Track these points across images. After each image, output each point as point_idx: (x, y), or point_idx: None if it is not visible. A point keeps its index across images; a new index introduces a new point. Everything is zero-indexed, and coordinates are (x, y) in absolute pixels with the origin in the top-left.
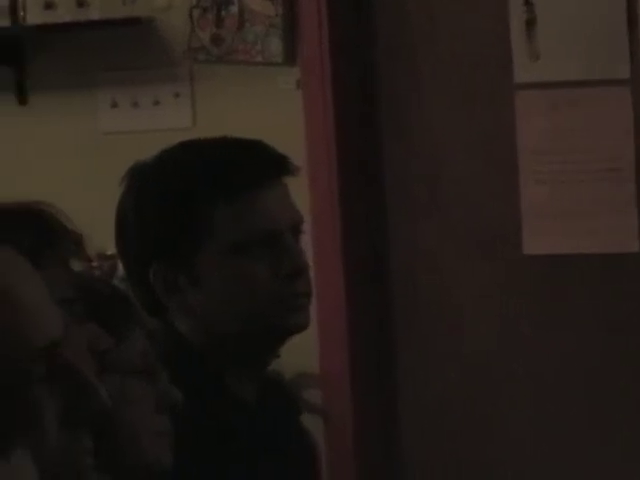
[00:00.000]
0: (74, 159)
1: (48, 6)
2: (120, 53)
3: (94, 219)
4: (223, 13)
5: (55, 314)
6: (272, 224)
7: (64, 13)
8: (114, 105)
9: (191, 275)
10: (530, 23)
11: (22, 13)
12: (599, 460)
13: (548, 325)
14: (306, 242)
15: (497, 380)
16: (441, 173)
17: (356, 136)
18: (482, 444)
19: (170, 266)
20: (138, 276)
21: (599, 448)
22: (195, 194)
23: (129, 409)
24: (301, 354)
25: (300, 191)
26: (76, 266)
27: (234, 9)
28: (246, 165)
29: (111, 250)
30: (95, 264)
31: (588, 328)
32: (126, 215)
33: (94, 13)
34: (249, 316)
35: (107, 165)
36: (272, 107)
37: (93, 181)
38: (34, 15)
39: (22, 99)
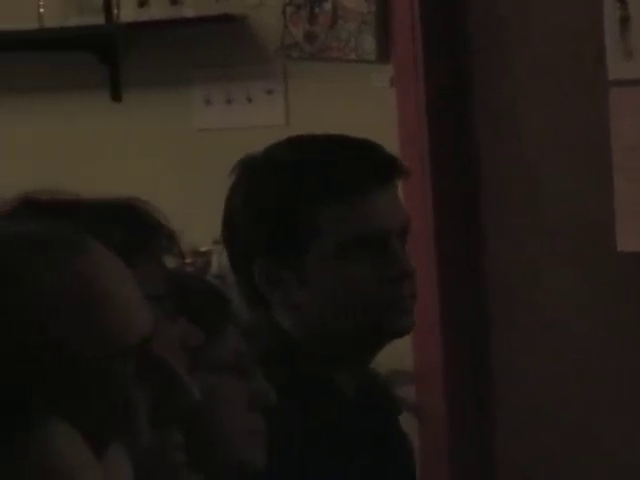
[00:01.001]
0: (167, 156)
1: (142, 4)
2: (213, 50)
3: (187, 215)
4: (316, 10)
5: (147, 311)
6: (380, 227)
7: (157, 11)
8: (207, 102)
9: (296, 273)
10: (624, 20)
11: (116, 11)
12: None
13: None
14: None
15: (592, 379)
16: (535, 171)
17: (450, 134)
18: (576, 444)
19: (274, 262)
20: (242, 268)
21: None
22: (304, 193)
23: (220, 406)
24: (395, 351)
25: None
26: (169, 263)
27: (327, 6)
28: (357, 166)
29: (205, 247)
30: (188, 260)
31: None
32: (234, 208)
33: (187, 10)
34: (354, 318)
35: (200, 162)
36: (365, 105)
37: (186, 178)
38: (128, 13)
39: (116, 96)
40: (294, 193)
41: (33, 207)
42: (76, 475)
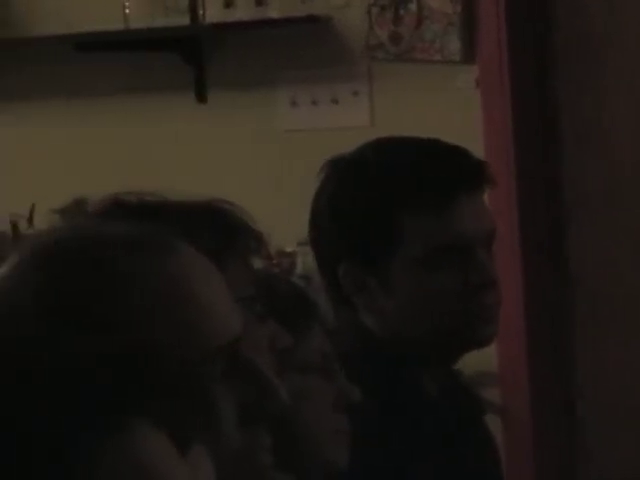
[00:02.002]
0: (253, 157)
1: (227, 5)
2: (298, 51)
3: (274, 216)
4: (401, 11)
5: (235, 312)
6: (466, 235)
7: (243, 12)
8: (293, 104)
9: (380, 279)
10: None
11: (202, 12)
12: None
13: None
14: None
15: None
16: (621, 174)
17: (535, 136)
18: None
19: (359, 267)
20: (328, 270)
21: None
22: (391, 199)
23: (307, 407)
24: (480, 353)
25: None
26: (256, 264)
27: (413, 7)
28: (445, 172)
29: (290, 247)
30: (275, 261)
31: None
32: (320, 210)
33: (273, 12)
34: (437, 325)
35: (286, 163)
36: (450, 106)
37: (272, 179)
38: (213, 14)
39: (201, 97)
40: (380, 197)
41: (122, 209)
42: (165, 475)
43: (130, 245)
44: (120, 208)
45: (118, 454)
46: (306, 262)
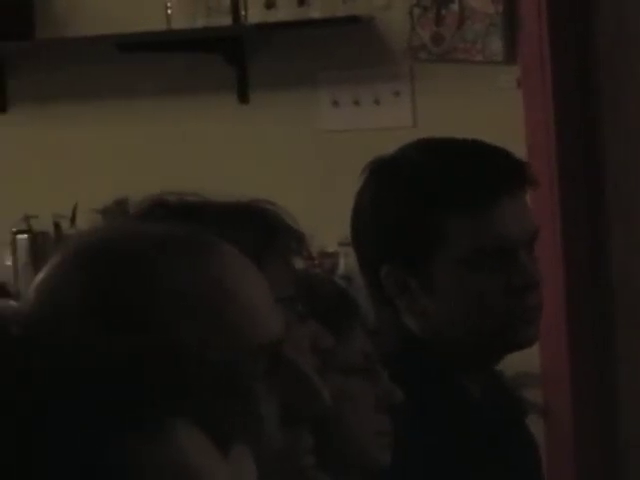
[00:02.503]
0: (295, 157)
1: (269, 5)
2: (340, 51)
3: (316, 217)
4: (443, 11)
5: (277, 312)
6: (508, 237)
7: (285, 12)
8: (335, 104)
9: (422, 280)
10: None
11: (243, 12)
12: None
13: None
14: None
15: None
16: None
17: (577, 136)
18: None
19: (401, 268)
20: (370, 271)
21: None
22: (433, 200)
23: (349, 408)
24: (522, 354)
25: None
26: (298, 264)
27: (454, 7)
28: (488, 174)
29: (331, 248)
30: (316, 262)
31: None
32: (362, 210)
33: (314, 12)
34: (480, 328)
35: (327, 163)
36: (492, 106)
37: (314, 179)
38: (255, 14)
39: (243, 98)
40: (422, 199)
41: (164, 209)
42: (204, 475)
43: (171, 245)
44: (161, 208)
45: (158, 454)
46: (348, 263)
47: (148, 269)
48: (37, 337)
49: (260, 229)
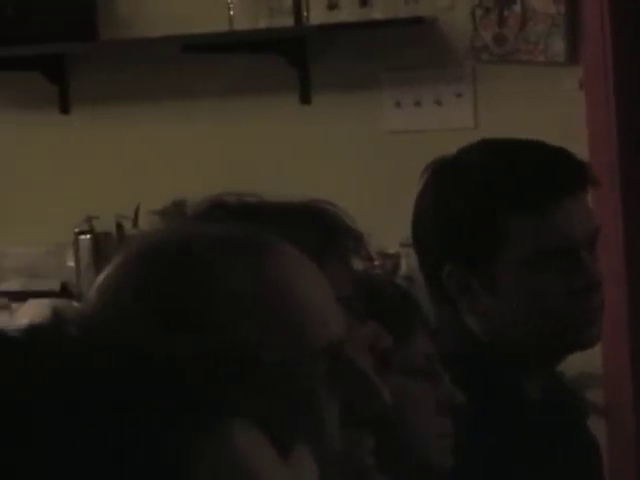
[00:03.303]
0: (356, 158)
1: (332, 6)
2: (402, 52)
3: (377, 217)
4: (505, 12)
5: (338, 313)
6: (570, 238)
7: (347, 13)
8: (397, 105)
9: (484, 281)
10: None
11: (306, 13)
12: None
13: None
14: None
15: None
16: None
17: (639, 136)
18: None
19: (463, 269)
20: (431, 271)
21: None
22: (494, 200)
23: (410, 409)
24: (584, 354)
25: None
26: (358, 265)
27: (517, 8)
28: (550, 175)
29: (392, 249)
30: (377, 263)
31: None
32: (423, 211)
33: (377, 13)
34: (542, 329)
35: (389, 164)
36: (555, 107)
37: (375, 179)
38: (317, 15)
39: (305, 98)
40: (484, 199)
41: (223, 210)
42: (262, 476)
43: (230, 246)
44: (221, 209)
45: (217, 454)
46: (409, 263)
47: (207, 270)
48: (98, 338)
49: (319, 229)
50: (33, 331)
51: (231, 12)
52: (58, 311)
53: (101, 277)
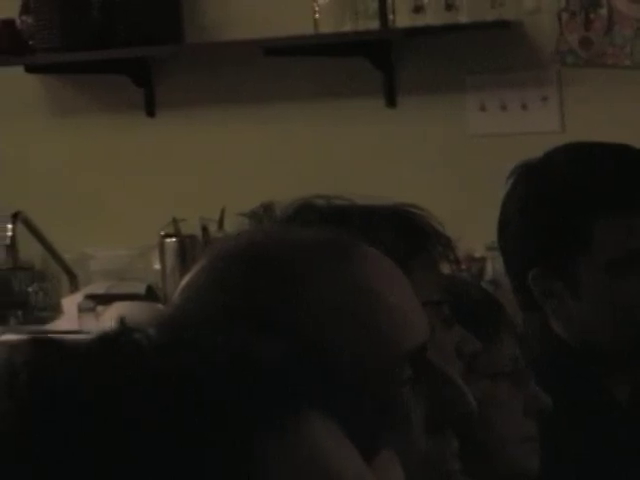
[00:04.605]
0: (442, 161)
1: (417, 10)
2: (488, 56)
3: (463, 221)
4: (592, 16)
5: (423, 317)
6: None
7: (433, 16)
8: (482, 108)
9: (570, 284)
10: None
11: (391, 17)
12: None
13: None
14: None
15: None
16: None
17: None
18: None
19: (548, 273)
20: (517, 275)
21: None
22: (582, 204)
23: (497, 413)
24: None
25: None
26: (445, 269)
27: (603, 12)
28: (636, 179)
29: (479, 252)
30: (463, 267)
31: None
32: (509, 215)
33: (462, 16)
34: (625, 333)
35: (475, 167)
36: None
37: (462, 183)
38: (403, 18)
39: (391, 102)
40: (571, 203)
41: (311, 212)
42: (343, 474)
43: (317, 249)
44: (309, 212)
45: (298, 453)
46: (495, 267)
47: (293, 273)
48: (181, 340)
49: (407, 233)
50: (117, 335)
51: (316, 15)
52: (153, 312)
53: (186, 279)
